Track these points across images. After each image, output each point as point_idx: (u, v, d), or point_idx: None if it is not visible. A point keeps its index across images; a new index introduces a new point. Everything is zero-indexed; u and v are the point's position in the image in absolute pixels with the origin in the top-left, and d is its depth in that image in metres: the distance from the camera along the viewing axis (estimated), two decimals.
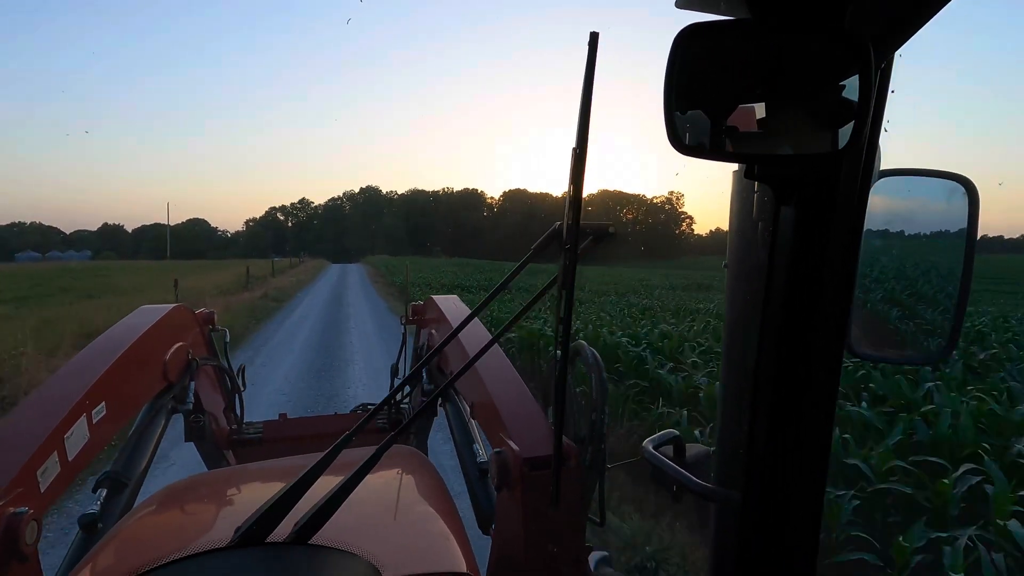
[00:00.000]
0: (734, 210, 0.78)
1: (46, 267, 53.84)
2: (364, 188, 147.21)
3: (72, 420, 1.25)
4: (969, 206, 0.73)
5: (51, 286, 27.26)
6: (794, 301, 0.70)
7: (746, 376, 0.73)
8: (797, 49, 0.66)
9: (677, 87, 0.61)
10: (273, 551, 0.84)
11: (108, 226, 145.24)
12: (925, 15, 0.64)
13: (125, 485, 1.45)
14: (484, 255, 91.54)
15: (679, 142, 0.62)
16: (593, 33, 0.69)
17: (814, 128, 0.67)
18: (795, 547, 0.76)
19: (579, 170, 0.73)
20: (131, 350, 1.59)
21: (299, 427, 2.65)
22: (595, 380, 1.22)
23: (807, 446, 0.73)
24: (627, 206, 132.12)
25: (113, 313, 8.60)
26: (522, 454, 1.15)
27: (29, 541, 0.98)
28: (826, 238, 0.69)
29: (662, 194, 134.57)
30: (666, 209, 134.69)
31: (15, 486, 1.03)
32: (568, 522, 1.15)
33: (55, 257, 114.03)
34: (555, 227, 0.90)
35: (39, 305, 17.80)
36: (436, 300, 2.39)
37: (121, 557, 0.95)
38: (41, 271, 43.87)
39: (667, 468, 0.83)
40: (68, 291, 24.04)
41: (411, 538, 1.01)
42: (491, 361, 1.50)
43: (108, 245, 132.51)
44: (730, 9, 0.67)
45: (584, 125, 0.71)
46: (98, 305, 15.91)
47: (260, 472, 1.45)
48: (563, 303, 0.78)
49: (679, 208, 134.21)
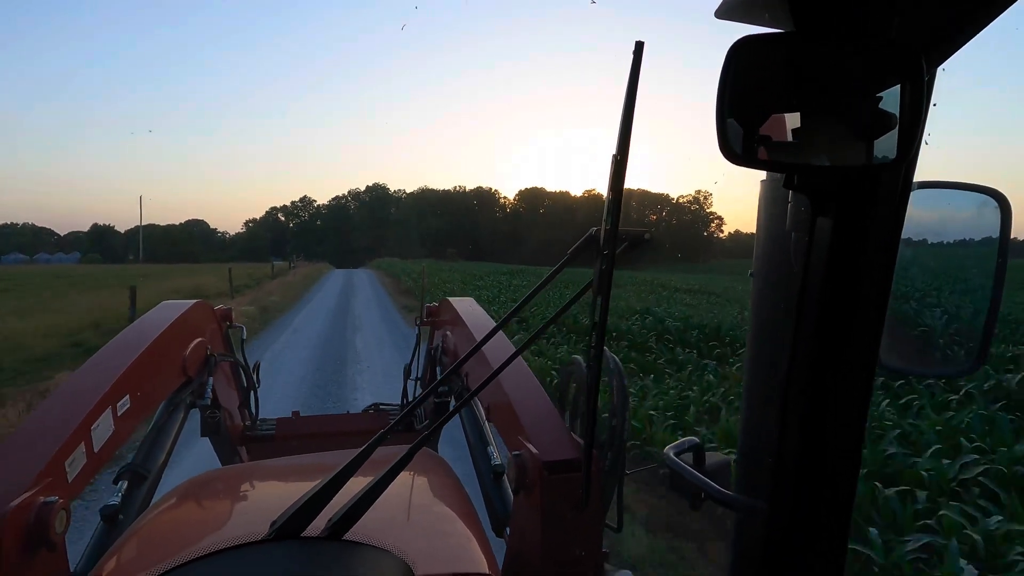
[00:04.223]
0: (763, 219, 0.83)
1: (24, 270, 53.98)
2: (370, 186, 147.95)
3: (98, 412, 1.33)
4: (1001, 219, 0.79)
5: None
6: (830, 312, 0.74)
7: (773, 386, 0.78)
8: (844, 60, 0.70)
9: (730, 96, 0.66)
10: (309, 546, 0.90)
11: (98, 227, 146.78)
12: (973, 29, 0.69)
13: (145, 478, 1.53)
14: (502, 259, 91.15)
15: (730, 151, 0.67)
16: (638, 42, 0.73)
17: (853, 139, 0.72)
18: (822, 560, 0.80)
19: (619, 176, 0.77)
20: (154, 345, 1.68)
21: (311, 425, 2.78)
22: (615, 386, 1.28)
23: (838, 456, 0.77)
24: (651, 206, 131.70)
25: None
26: (541, 457, 1.20)
27: (59, 530, 1.04)
28: (862, 250, 0.73)
29: (689, 193, 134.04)
30: (692, 209, 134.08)
31: (45, 476, 1.10)
32: (586, 527, 1.21)
33: (43, 259, 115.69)
34: (592, 232, 0.95)
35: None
36: (452, 302, 2.49)
37: (150, 549, 1.02)
38: (13, 274, 43.66)
39: (688, 475, 0.89)
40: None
41: (437, 538, 1.08)
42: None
43: (98, 247, 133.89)
44: (774, 20, 0.73)
45: (626, 131, 0.75)
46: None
47: (278, 469, 1.54)
48: (599, 308, 0.83)
49: (707, 208, 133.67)
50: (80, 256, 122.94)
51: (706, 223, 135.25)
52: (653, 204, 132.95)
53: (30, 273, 42.82)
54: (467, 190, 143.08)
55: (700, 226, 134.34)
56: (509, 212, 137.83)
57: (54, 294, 24.25)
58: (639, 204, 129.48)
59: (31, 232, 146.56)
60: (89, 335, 12.60)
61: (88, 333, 12.94)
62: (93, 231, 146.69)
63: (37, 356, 11.29)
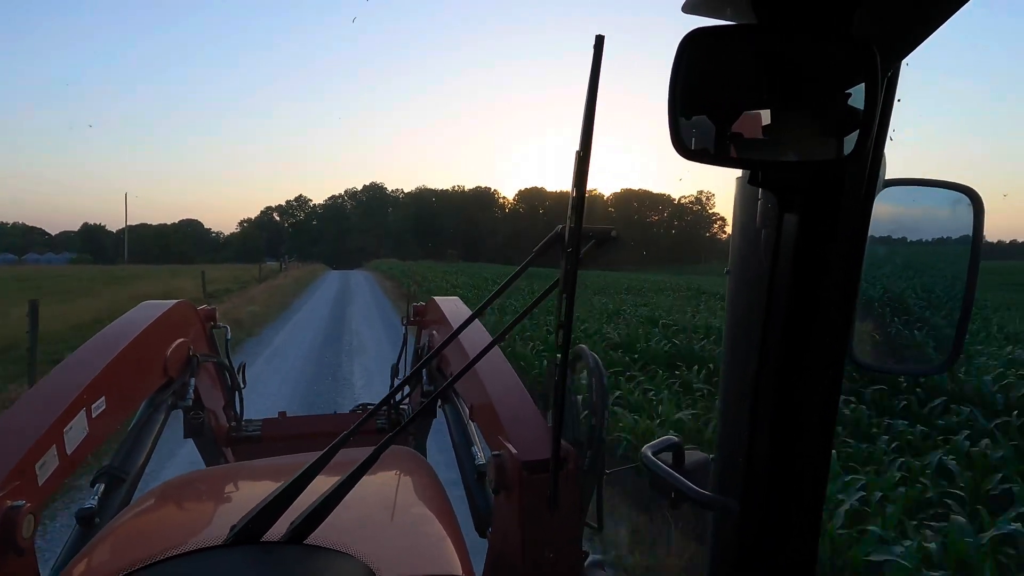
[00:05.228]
0: (736, 216, 0.84)
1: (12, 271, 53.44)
2: (367, 186, 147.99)
3: (72, 414, 1.33)
4: (974, 217, 0.79)
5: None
6: (796, 309, 0.75)
7: (746, 384, 0.79)
8: (804, 55, 0.70)
9: (682, 92, 0.66)
10: (268, 550, 0.90)
11: (89, 226, 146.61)
12: (933, 23, 0.70)
13: (123, 480, 1.53)
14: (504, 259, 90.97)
15: (683, 147, 0.67)
16: (599, 36, 0.73)
17: (819, 136, 0.72)
18: (793, 556, 0.81)
19: (582, 173, 0.77)
20: (132, 345, 1.68)
21: (298, 426, 2.79)
22: (595, 384, 1.29)
23: (807, 455, 0.78)
24: (652, 206, 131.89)
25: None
26: (520, 457, 1.21)
27: (26, 534, 1.03)
28: (829, 246, 0.74)
29: (691, 194, 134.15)
30: (694, 210, 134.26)
31: (13, 478, 1.09)
32: (566, 526, 1.22)
33: (32, 260, 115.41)
34: (557, 230, 0.96)
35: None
36: (438, 301, 2.53)
37: (116, 553, 1.01)
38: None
39: (665, 475, 0.89)
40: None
41: (407, 540, 1.08)
42: (491, 363, 1.58)
43: (89, 247, 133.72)
44: (737, 14, 0.73)
45: (588, 128, 0.76)
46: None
47: (258, 470, 1.54)
48: (564, 307, 0.84)
49: (708, 209, 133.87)
50: (70, 257, 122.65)
51: (708, 224, 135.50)
52: (655, 204, 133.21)
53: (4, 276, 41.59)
54: (466, 190, 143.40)
55: (702, 227, 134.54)
56: (509, 212, 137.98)
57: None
58: (640, 205, 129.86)
59: (22, 232, 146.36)
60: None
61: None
62: (84, 231, 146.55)
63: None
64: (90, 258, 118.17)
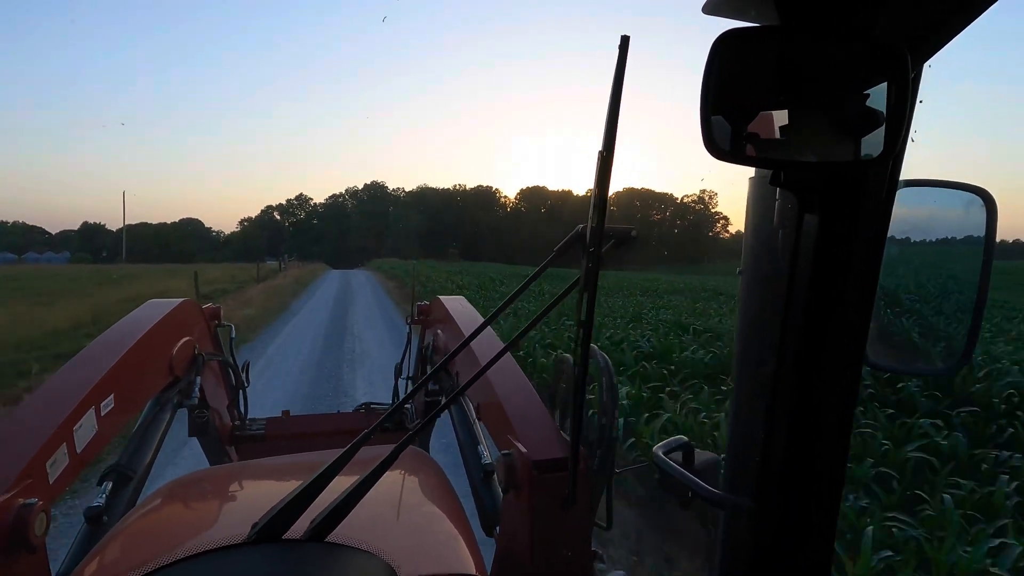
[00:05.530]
0: (751, 216, 0.84)
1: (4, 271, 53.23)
2: (368, 184, 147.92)
3: (81, 412, 1.34)
4: (987, 218, 0.80)
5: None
6: (815, 309, 0.76)
7: (760, 383, 0.80)
8: (830, 56, 0.71)
9: (714, 91, 0.66)
10: (290, 548, 0.90)
11: (88, 225, 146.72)
12: (958, 26, 0.71)
13: (130, 478, 1.55)
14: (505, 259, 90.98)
15: (715, 147, 0.67)
16: (624, 36, 0.73)
17: (840, 136, 0.73)
18: (811, 556, 0.82)
19: (605, 173, 0.78)
20: (139, 344, 1.70)
21: (301, 425, 2.82)
22: (605, 384, 1.30)
23: (825, 455, 0.79)
24: (655, 205, 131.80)
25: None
26: (531, 456, 1.22)
27: (38, 532, 1.05)
28: (849, 247, 0.75)
29: (693, 192, 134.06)
30: (697, 209, 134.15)
31: (24, 477, 1.10)
32: (576, 526, 1.23)
33: (32, 259, 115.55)
34: (578, 230, 0.96)
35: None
36: (443, 300, 2.53)
37: (131, 551, 1.02)
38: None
39: (676, 474, 0.91)
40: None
41: (423, 538, 1.09)
42: (499, 363, 1.60)
43: (89, 246, 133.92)
44: (760, 15, 0.74)
45: (612, 128, 0.76)
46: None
47: (265, 469, 1.55)
48: (584, 306, 0.85)
49: (712, 208, 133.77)
50: (70, 256, 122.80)
51: (711, 223, 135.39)
52: (657, 203, 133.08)
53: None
54: (467, 188, 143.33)
55: (705, 226, 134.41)
56: (510, 211, 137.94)
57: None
58: (643, 204, 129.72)
59: (22, 231, 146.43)
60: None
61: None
62: (84, 230, 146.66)
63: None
64: (89, 257, 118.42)
